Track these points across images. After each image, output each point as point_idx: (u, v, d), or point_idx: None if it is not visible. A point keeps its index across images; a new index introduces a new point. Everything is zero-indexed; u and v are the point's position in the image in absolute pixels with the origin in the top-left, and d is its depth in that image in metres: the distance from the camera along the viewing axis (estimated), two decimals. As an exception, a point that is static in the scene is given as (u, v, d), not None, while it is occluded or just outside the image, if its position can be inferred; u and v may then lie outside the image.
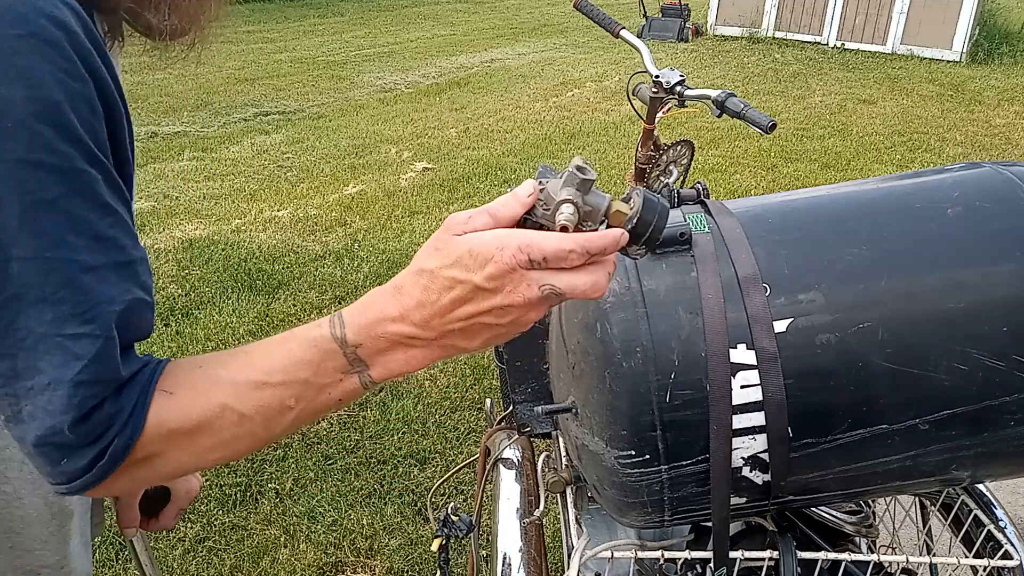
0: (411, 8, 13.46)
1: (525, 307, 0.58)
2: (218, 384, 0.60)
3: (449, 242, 0.59)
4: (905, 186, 0.88)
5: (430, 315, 0.59)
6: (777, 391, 0.76)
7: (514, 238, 0.58)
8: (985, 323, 0.76)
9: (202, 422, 0.59)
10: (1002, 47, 9.50)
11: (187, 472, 0.64)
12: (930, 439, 0.79)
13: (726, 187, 5.00)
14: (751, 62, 9.15)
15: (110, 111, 0.58)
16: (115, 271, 0.57)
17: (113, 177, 0.58)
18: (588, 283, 0.59)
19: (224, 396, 0.60)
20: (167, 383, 0.60)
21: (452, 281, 0.58)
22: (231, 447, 0.61)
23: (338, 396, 0.62)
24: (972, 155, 5.81)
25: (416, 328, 0.59)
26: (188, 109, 6.73)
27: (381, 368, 0.61)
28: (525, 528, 1.13)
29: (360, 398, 0.64)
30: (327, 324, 0.61)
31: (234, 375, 0.61)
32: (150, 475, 0.61)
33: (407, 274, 0.61)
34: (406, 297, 0.59)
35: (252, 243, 4.11)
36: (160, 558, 2.15)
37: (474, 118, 6.63)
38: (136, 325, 0.59)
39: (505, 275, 0.57)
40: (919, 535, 1.11)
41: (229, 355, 0.62)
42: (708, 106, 1.83)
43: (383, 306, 0.60)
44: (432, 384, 2.98)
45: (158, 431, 0.58)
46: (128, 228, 0.59)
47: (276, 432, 0.62)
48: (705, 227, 0.83)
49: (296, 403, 0.61)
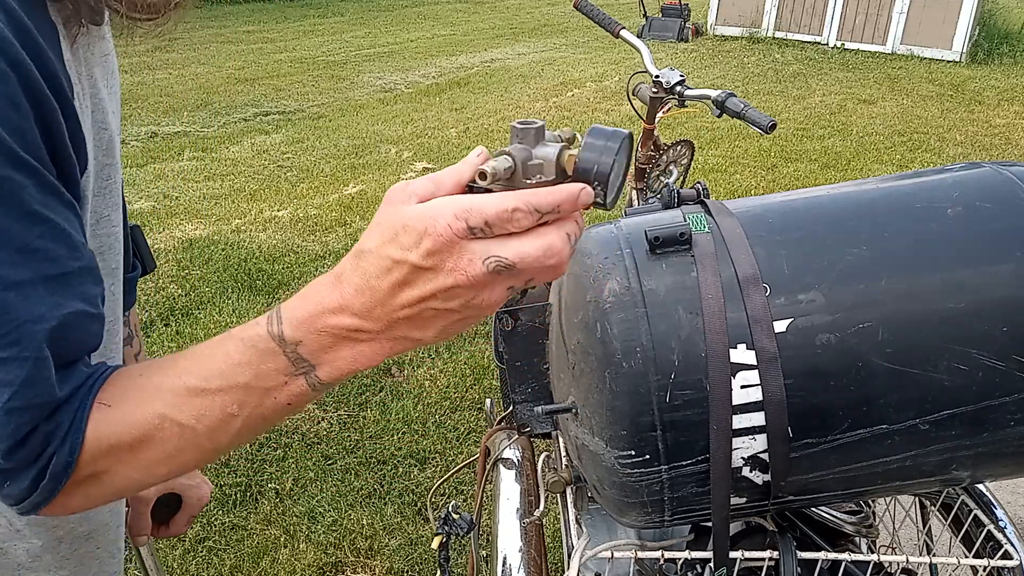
0: (411, 8, 13.46)
1: (472, 286, 0.50)
2: (155, 393, 0.56)
3: (387, 217, 0.52)
4: (905, 186, 0.88)
5: (371, 303, 0.52)
6: (777, 391, 0.76)
7: (449, 204, 0.50)
8: (985, 323, 0.76)
9: (142, 435, 0.55)
10: (1002, 47, 9.50)
11: (143, 488, 0.60)
12: (930, 439, 0.79)
13: (726, 187, 5.00)
14: (751, 62, 9.15)
15: (41, 108, 0.52)
16: (43, 285, 0.52)
17: (47, 181, 0.53)
18: (539, 248, 0.51)
19: (162, 406, 0.55)
20: (106, 395, 0.55)
21: (390, 262, 0.51)
22: (178, 460, 0.57)
23: (286, 400, 0.56)
24: (972, 155, 5.81)
25: (359, 319, 0.53)
26: (188, 109, 6.73)
27: (328, 367, 0.55)
28: (525, 528, 1.13)
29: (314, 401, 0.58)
30: (264, 321, 0.55)
31: (171, 382, 0.56)
32: (103, 492, 0.57)
33: (347, 258, 0.54)
34: (346, 284, 0.53)
35: (252, 243, 4.11)
36: (160, 558, 2.15)
37: (474, 118, 6.63)
38: (77, 340, 0.55)
39: (443, 249, 0.50)
40: (919, 535, 1.11)
41: (169, 360, 0.57)
42: (708, 106, 1.83)
43: (322, 297, 0.54)
44: (432, 384, 2.98)
45: (98, 447, 0.54)
46: (64, 236, 0.54)
47: (224, 441, 0.57)
48: (705, 227, 0.83)
49: (240, 410, 0.56)
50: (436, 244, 0.49)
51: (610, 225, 0.89)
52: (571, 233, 0.52)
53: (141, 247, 0.97)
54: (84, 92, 0.63)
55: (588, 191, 0.52)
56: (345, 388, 2.94)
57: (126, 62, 8.21)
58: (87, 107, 0.63)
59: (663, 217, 0.88)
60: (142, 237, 0.98)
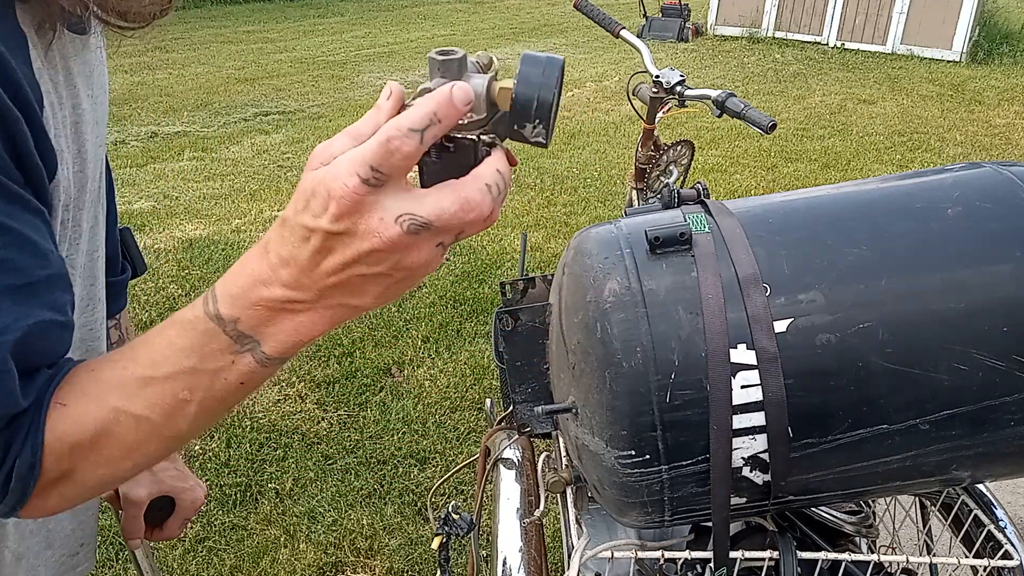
0: (411, 8, 13.46)
1: (392, 249, 0.48)
2: (108, 387, 0.55)
3: (303, 181, 0.49)
4: (905, 186, 0.88)
5: (297, 273, 0.50)
6: (777, 391, 0.76)
7: (344, 160, 0.47)
8: (985, 323, 0.76)
9: (100, 430, 0.54)
10: (1002, 47, 9.50)
11: (115, 484, 0.59)
12: (930, 439, 0.79)
13: (726, 187, 5.00)
14: (751, 62, 9.15)
15: (3, 117, 0.51)
16: (8, 296, 0.51)
17: (10, 190, 0.52)
18: (456, 202, 0.48)
19: (115, 399, 0.54)
20: (62, 394, 0.55)
21: (305, 230, 0.49)
22: (141, 452, 0.56)
23: (237, 379, 0.55)
24: (972, 155, 5.81)
25: (289, 290, 0.51)
26: (188, 109, 6.73)
27: (273, 341, 0.53)
28: (525, 528, 1.13)
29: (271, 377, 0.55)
30: (201, 302, 0.54)
31: (121, 375, 0.55)
32: (77, 491, 0.57)
33: (274, 226, 0.52)
34: (272, 255, 0.51)
35: (252, 243, 4.10)
36: (160, 558, 2.15)
37: (474, 118, 6.62)
38: (44, 349, 0.55)
39: (350, 211, 0.47)
40: (919, 535, 1.11)
41: (119, 353, 0.56)
42: (708, 106, 1.83)
43: (252, 269, 0.52)
44: (432, 384, 2.98)
45: (60, 447, 0.54)
46: (30, 245, 0.53)
47: (184, 428, 0.56)
48: (705, 227, 0.83)
49: (192, 394, 0.54)
50: (341, 207, 0.47)
51: (610, 225, 0.89)
52: (491, 184, 0.50)
53: (131, 249, 0.97)
54: (61, 99, 0.62)
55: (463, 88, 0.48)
56: (345, 388, 2.94)
57: (126, 62, 8.22)
58: (64, 115, 0.62)
59: (663, 217, 0.88)
60: (132, 239, 0.97)
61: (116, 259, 0.93)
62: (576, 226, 4.33)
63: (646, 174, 2.00)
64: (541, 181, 5.09)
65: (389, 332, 3.31)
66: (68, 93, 0.63)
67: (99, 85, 0.70)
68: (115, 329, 0.96)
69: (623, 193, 4.42)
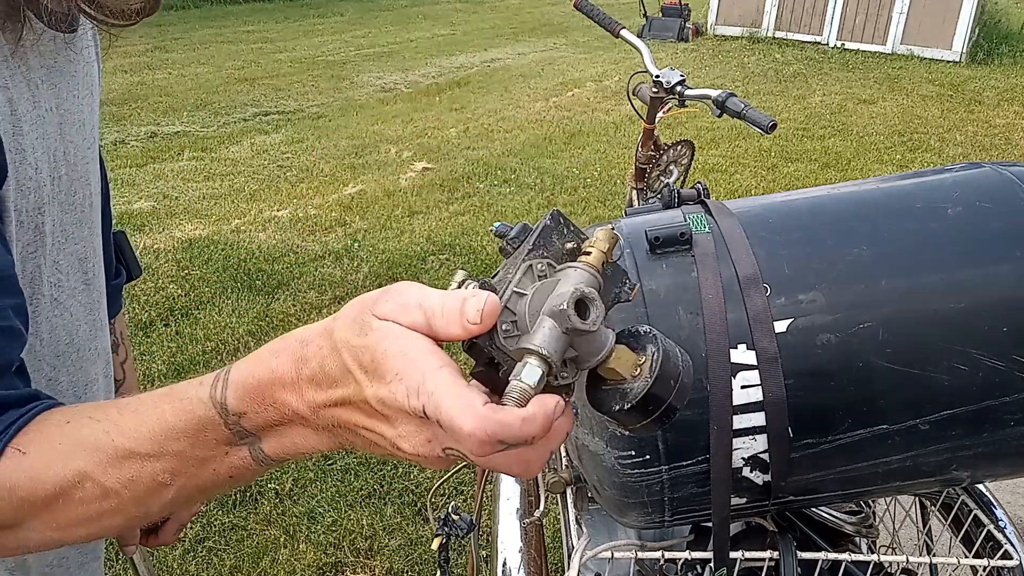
0: (411, 8, 13.46)
1: (417, 457, 0.45)
2: (78, 447, 0.49)
3: (366, 321, 0.45)
4: (905, 186, 0.88)
5: (320, 401, 0.46)
6: (777, 391, 0.76)
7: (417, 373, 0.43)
8: (985, 323, 0.76)
9: (58, 492, 0.48)
10: (1002, 47, 9.50)
11: (59, 546, 0.53)
12: (930, 439, 0.79)
13: (726, 187, 5.00)
14: (751, 62, 9.15)
15: None
16: None
17: None
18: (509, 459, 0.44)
19: (84, 462, 0.48)
20: (24, 440, 0.49)
21: (343, 372, 0.45)
22: (99, 524, 0.50)
23: (227, 472, 0.50)
24: (972, 155, 5.81)
25: (306, 408, 0.47)
26: (188, 109, 6.73)
27: (276, 443, 0.49)
28: (525, 528, 1.13)
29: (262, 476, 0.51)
30: (210, 382, 0.49)
31: (99, 438, 0.49)
32: (15, 545, 0.51)
33: (319, 328, 0.47)
34: (304, 364, 0.46)
35: (252, 243, 4.11)
36: (160, 559, 2.15)
37: (474, 118, 6.63)
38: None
39: (399, 414, 0.44)
40: (919, 535, 1.11)
41: (102, 411, 0.51)
42: (708, 106, 1.83)
43: (278, 365, 0.47)
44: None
45: (8, 497, 0.48)
46: None
47: (154, 509, 0.51)
48: (705, 227, 0.83)
49: (172, 479, 0.49)
50: (393, 405, 0.43)
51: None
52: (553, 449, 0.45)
53: (126, 253, 0.95)
54: (36, 99, 0.60)
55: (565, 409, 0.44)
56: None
57: (126, 62, 8.21)
58: (39, 114, 0.60)
59: (663, 217, 0.88)
60: (127, 243, 0.95)
61: (110, 263, 0.92)
62: (576, 226, 4.32)
63: (646, 174, 2.00)
64: (541, 181, 5.09)
65: (389, 332, 3.31)
66: (50, 93, 0.62)
67: (86, 85, 0.68)
68: (111, 334, 0.95)
69: (623, 193, 4.43)
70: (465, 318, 0.44)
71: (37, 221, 0.61)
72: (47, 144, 0.61)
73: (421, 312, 0.45)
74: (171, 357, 3.04)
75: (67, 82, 0.64)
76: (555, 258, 0.49)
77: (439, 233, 4.26)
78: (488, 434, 0.41)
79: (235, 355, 3.09)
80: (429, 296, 0.45)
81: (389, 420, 0.44)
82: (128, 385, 0.98)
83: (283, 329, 3.27)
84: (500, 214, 4.55)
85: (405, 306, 0.45)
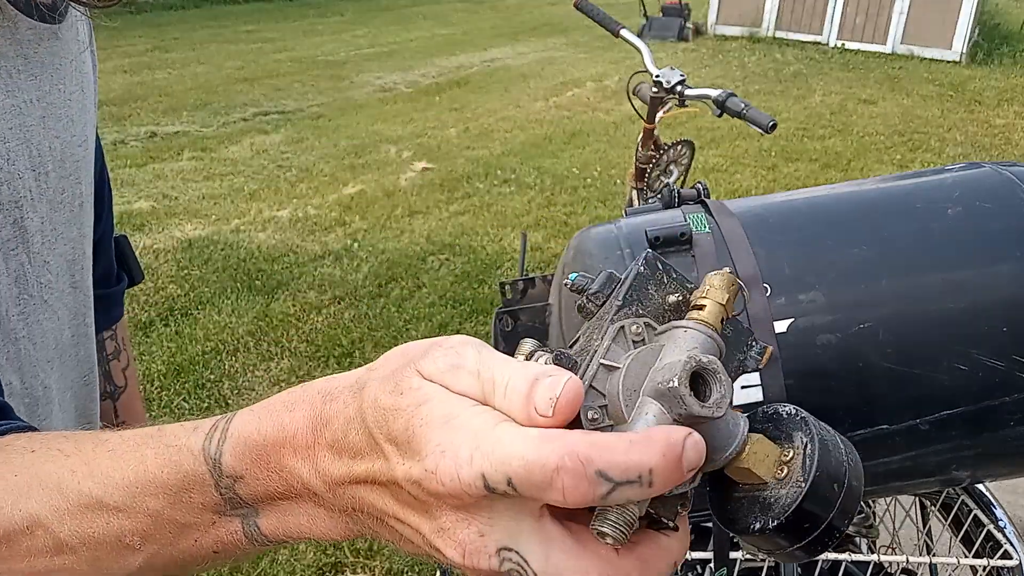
0: (411, 8, 13.46)
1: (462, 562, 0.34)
2: (38, 484, 0.40)
3: (406, 377, 0.35)
4: (905, 186, 0.88)
5: (338, 476, 0.36)
6: (778, 392, 0.76)
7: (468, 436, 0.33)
8: (985, 323, 0.76)
9: (2, 534, 0.40)
10: (1002, 47, 9.50)
11: None
12: (930, 439, 0.79)
13: (726, 187, 5.00)
14: (751, 62, 9.15)
15: None
16: None
17: None
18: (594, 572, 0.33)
19: (39, 505, 0.40)
20: None
21: (370, 442, 0.35)
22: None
23: (212, 546, 0.40)
24: (972, 155, 5.81)
25: (320, 482, 0.37)
26: (188, 109, 6.73)
27: (276, 521, 0.39)
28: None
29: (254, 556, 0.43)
30: (205, 430, 0.40)
31: (63, 477, 0.40)
32: None
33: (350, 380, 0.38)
34: (324, 425, 0.37)
35: (251, 243, 4.11)
36: (160, 558, 2.15)
37: (474, 118, 6.63)
38: None
39: (439, 498, 0.33)
40: (919, 535, 1.11)
41: (78, 443, 0.42)
42: (708, 106, 1.83)
43: (291, 422, 0.37)
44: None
45: None
46: None
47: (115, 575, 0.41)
48: (705, 227, 0.83)
49: (142, 543, 0.40)
50: (431, 489, 0.33)
51: (610, 225, 0.89)
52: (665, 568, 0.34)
53: (128, 257, 0.92)
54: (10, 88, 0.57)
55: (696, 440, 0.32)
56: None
57: (126, 62, 8.21)
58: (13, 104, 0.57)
59: (663, 217, 0.88)
60: (129, 247, 0.93)
61: (111, 269, 0.89)
62: (576, 226, 4.33)
63: (646, 174, 2.00)
64: (541, 181, 5.09)
65: (389, 332, 3.31)
66: (30, 84, 0.59)
67: (74, 80, 0.66)
68: (111, 340, 0.92)
69: (623, 193, 4.43)
70: (532, 406, 0.33)
71: (15, 215, 0.58)
72: (26, 135, 0.59)
73: (478, 383, 0.35)
74: (171, 357, 3.04)
75: (50, 75, 0.62)
76: (655, 316, 0.38)
77: (439, 233, 4.26)
78: (584, 456, 0.30)
79: (235, 355, 3.09)
80: (491, 364, 0.35)
81: (426, 509, 0.34)
82: (129, 391, 0.97)
83: (283, 329, 3.27)
84: (500, 214, 4.55)
85: (458, 369, 0.35)
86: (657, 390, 0.33)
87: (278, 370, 3.02)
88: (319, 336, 3.25)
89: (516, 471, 0.31)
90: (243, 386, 2.92)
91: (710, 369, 0.33)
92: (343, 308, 3.48)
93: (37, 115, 0.60)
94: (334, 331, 3.27)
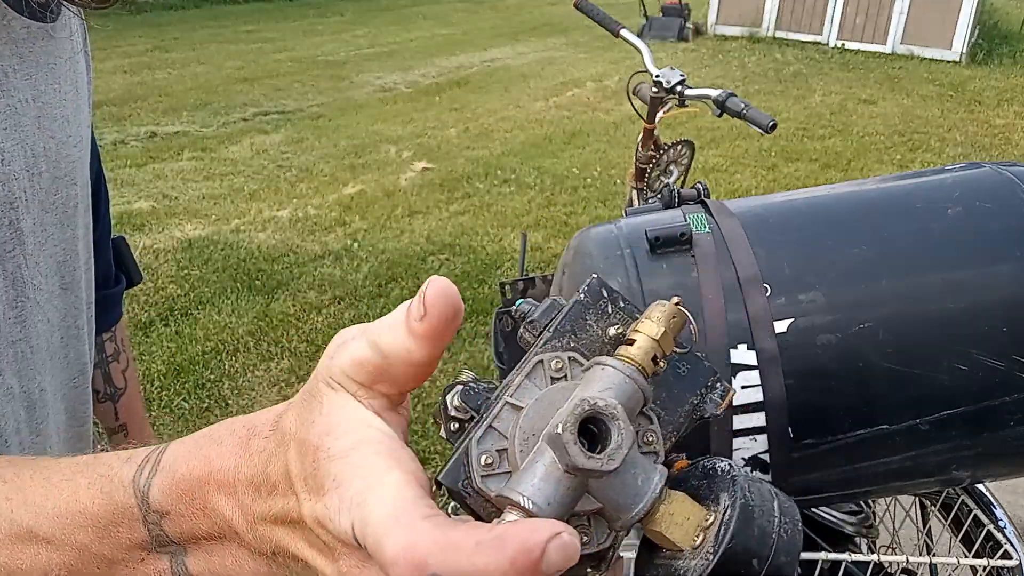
0: (411, 8, 13.46)
1: None
2: None
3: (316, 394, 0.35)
4: (905, 186, 0.88)
5: (257, 513, 0.35)
6: (778, 392, 0.76)
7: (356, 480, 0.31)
8: (985, 323, 0.76)
9: None
10: (1002, 47, 9.50)
11: None
12: (930, 439, 0.79)
13: (726, 187, 5.01)
14: (751, 62, 9.15)
15: None
16: None
17: None
18: None
19: None
20: None
21: (286, 480, 0.34)
22: None
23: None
24: (972, 155, 5.81)
25: (242, 520, 0.35)
26: (188, 109, 6.73)
27: (203, 562, 0.37)
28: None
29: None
30: (139, 460, 0.38)
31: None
32: None
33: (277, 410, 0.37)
34: (246, 460, 0.35)
35: (251, 243, 4.11)
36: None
37: (474, 118, 6.63)
38: None
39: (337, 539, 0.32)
40: (919, 535, 1.11)
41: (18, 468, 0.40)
42: (708, 106, 1.83)
43: (217, 456, 0.36)
44: (432, 384, 2.97)
45: None
46: None
47: None
48: (705, 227, 0.83)
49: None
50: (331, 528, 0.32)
51: (610, 225, 0.89)
52: None
53: (126, 259, 0.91)
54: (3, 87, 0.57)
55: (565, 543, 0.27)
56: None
57: (126, 62, 8.21)
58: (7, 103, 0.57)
59: (663, 217, 0.88)
60: (127, 248, 0.92)
61: (109, 270, 0.88)
62: (576, 226, 4.33)
63: (646, 174, 2.00)
64: (541, 181, 5.09)
65: (389, 332, 3.31)
66: (25, 83, 0.59)
67: (69, 80, 0.65)
68: (110, 342, 0.91)
69: (623, 193, 4.43)
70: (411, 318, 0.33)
71: (11, 217, 0.58)
72: (21, 136, 0.58)
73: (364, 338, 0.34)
74: (171, 357, 3.04)
75: (45, 74, 0.61)
76: (593, 350, 0.34)
77: (439, 233, 4.26)
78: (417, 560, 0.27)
79: (235, 355, 3.09)
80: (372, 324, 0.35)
81: (330, 551, 0.32)
82: (130, 393, 0.97)
83: (283, 329, 3.27)
84: (500, 214, 4.55)
85: (345, 346, 0.35)
86: (549, 435, 0.30)
87: (278, 370, 3.03)
88: (319, 336, 3.25)
89: (368, 543, 0.30)
90: (243, 386, 2.92)
91: (607, 414, 0.29)
92: (343, 308, 3.48)
93: (32, 115, 0.59)
94: (334, 331, 3.26)
